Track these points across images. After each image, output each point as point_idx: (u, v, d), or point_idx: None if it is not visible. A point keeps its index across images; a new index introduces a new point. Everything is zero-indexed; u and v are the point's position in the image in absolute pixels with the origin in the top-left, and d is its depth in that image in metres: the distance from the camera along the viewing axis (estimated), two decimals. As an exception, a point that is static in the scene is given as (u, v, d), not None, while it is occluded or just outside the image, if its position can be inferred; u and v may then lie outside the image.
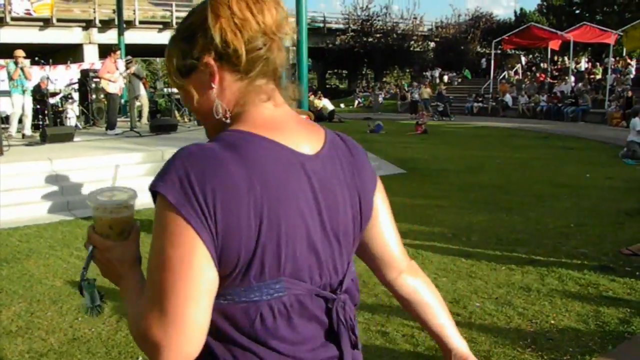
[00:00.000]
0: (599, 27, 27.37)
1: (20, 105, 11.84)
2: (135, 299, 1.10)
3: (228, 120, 1.12)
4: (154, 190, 1.02)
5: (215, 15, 1.06)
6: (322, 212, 1.11)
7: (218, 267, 1.01)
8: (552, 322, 4.01)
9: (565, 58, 32.23)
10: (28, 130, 12.09)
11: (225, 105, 1.12)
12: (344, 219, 1.16)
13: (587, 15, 35.70)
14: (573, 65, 30.28)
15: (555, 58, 34.17)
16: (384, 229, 1.31)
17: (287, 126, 1.13)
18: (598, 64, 30.46)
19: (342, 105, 34.81)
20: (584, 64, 33.36)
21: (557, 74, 30.04)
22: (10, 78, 11.63)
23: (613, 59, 26.68)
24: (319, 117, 20.86)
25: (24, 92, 11.87)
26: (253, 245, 1.02)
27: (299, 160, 1.09)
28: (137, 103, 14.52)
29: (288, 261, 1.06)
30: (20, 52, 11.80)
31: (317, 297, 1.13)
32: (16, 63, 11.58)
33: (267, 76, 1.13)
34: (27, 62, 12.72)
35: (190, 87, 1.14)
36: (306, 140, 1.14)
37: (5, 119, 12.60)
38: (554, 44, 29.28)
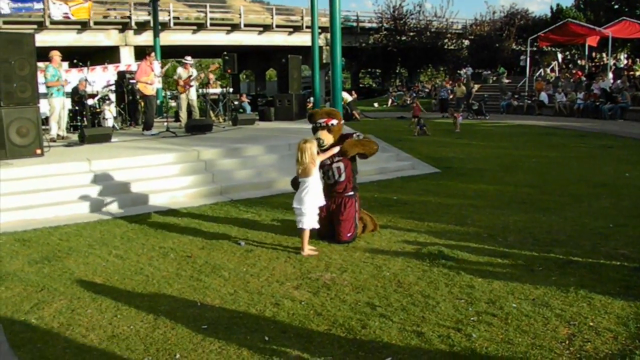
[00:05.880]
0: (639, 22, 26.69)
1: (63, 107, 12.10)
2: None
3: None
4: None
5: None
6: None
7: None
8: (591, 324, 3.93)
9: (604, 54, 31.51)
10: (64, 131, 12.35)
11: None
12: None
13: (626, 9, 34.73)
14: (612, 62, 29.59)
15: (593, 55, 33.43)
16: None
17: None
18: (638, 60, 29.70)
19: (375, 105, 34.74)
20: (623, 60, 32.55)
21: (595, 70, 29.38)
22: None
23: (654, 55, 26.00)
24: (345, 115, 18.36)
25: (64, 93, 12.06)
26: None
27: None
28: (173, 104, 14.52)
29: None
30: (58, 53, 11.94)
31: None
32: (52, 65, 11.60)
33: None
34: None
35: None
36: None
37: (45, 121, 12.18)
38: (592, 40, 28.68)
